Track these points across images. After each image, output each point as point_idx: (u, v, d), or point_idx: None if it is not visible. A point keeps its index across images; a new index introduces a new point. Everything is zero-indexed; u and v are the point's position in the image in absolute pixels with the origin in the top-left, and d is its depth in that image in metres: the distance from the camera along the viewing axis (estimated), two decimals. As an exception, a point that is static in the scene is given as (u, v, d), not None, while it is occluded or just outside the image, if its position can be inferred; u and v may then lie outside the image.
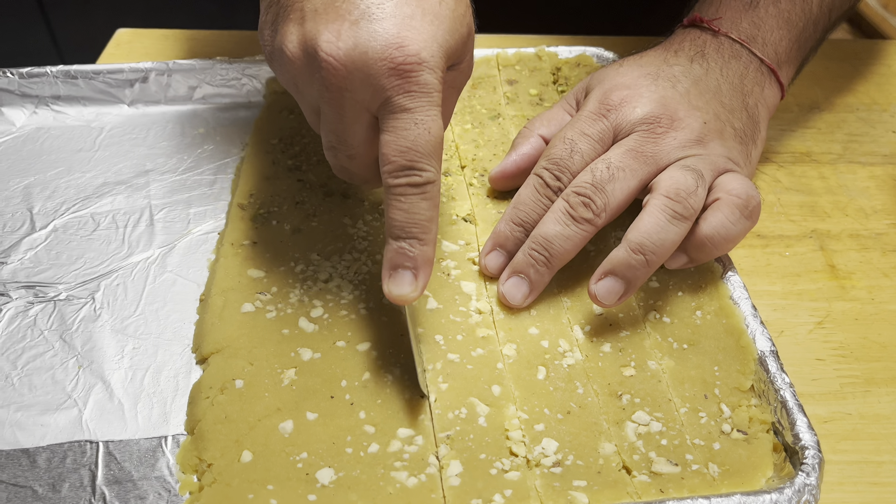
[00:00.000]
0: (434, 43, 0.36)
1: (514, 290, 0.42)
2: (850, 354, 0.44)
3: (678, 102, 0.45)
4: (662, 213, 0.40)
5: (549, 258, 0.42)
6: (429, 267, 0.38)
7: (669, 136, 0.43)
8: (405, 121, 0.36)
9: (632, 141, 0.43)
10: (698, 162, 0.43)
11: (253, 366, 0.40)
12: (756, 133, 0.47)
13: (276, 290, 0.43)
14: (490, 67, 0.59)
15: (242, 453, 0.36)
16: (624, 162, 0.42)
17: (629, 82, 0.46)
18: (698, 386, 0.39)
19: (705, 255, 0.42)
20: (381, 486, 0.35)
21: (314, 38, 0.36)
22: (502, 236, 0.44)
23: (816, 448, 0.35)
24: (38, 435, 0.38)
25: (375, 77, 0.36)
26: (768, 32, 0.49)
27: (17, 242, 0.48)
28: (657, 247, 0.40)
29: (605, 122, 0.44)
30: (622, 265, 0.40)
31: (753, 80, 0.48)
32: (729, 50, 0.48)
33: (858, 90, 0.63)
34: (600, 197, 0.42)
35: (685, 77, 0.46)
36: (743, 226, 0.42)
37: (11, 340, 0.42)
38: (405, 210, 0.37)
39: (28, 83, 0.57)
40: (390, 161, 0.36)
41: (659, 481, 0.35)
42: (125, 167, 0.53)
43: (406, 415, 0.38)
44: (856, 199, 0.53)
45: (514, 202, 0.44)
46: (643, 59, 0.48)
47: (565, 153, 0.44)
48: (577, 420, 0.38)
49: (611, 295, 0.40)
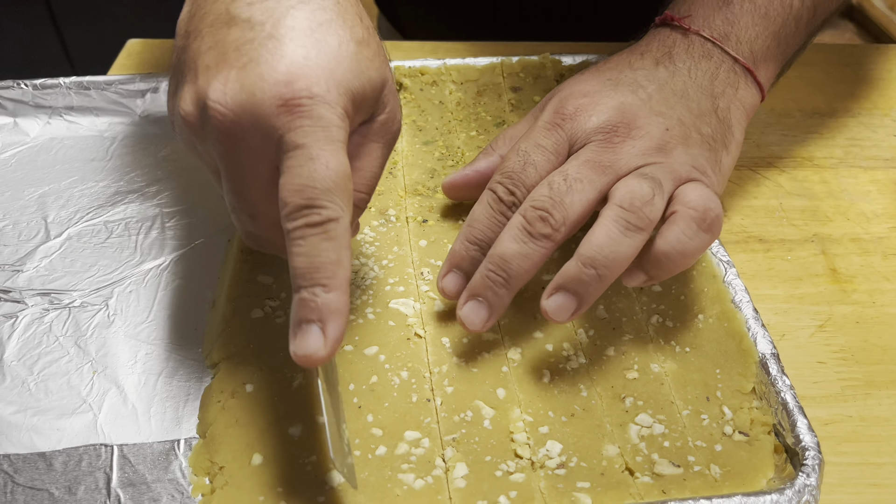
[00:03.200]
0: (330, 79, 0.33)
1: (472, 314, 0.40)
2: (851, 357, 0.44)
3: (638, 109, 0.43)
4: (615, 224, 0.38)
5: (508, 279, 0.39)
6: (339, 318, 0.32)
7: (628, 144, 0.41)
8: (298, 157, 0.32)
9: (589, 151, 0.41)
10: (657, 170, 0.40)
11: (263, 371, 0.40)
12: (728, 137, 0.44)
13: (286, 296, 0.44)
14: (495, 75, 0.60)
15: (253, 456, 0.37)
16: (581, 173, 0.40)
17: (587, 90, 0.44)
18: (700, 388, 0.40)
19: (664, 272, 0.39)
20: (388, 489, 0.35)
21: (204, 90, 0.34)
22: (458, 256, 0.42)
23: (817, 449, 0.36)
24: (54, 439, 0.39)
25: (265, 117, 0.33)
26: (743, 30, 0.46)
27: (32, 251, 0.49)
28: (609, 260, 0.38)
29: (559, 133, 0.43)
30: (573, 280, 0.38)
31: (725, 80, 0.45)
32: (699, 49, 0.46)
33: (860, 95, 0.64)
34: (559, 211, 0.39)
35: (648, 82, 0.44)
36: (701, 240, 0.39)
37: (28, 346, 0.43)
38: (305, 255, 0.32)
39: (42, 94, 0.58)
40: (286, 203, 0.32)
41: (661, 482, 0.36)
42: (137, 176, 0.54)
43: (412, 418, 0.38)
44: (857, 204, 0.54)
45: (469, 219, 0.42)
46: (607, 64, 0.46)
47: (518, 166, 0.42)
48: (580, 422, 0.39)
49: (562, 311, 0.38)
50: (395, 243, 0.48)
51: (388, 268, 0.46)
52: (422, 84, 0.59)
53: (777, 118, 0.61)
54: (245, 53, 0.34)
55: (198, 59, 0.35)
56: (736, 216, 0.53)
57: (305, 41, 0.34)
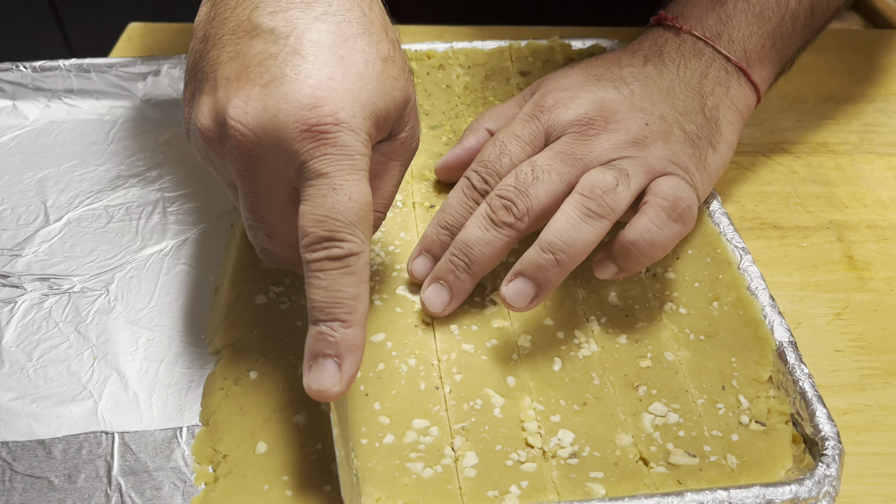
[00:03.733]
0: (355, 103, 0.33)
1: (433, 297, 0.40)
2: (869, 346, 0.43)
3: (618, 104, 0.42)
4: (575, 210, 0.38)
5: (469, 264, 0.40)
6: (356, 354, 0.32)
7: (602, 137, 0.41)
8: (321, 187, 0.32)
9: (562, 143, 0.41)
10: (628, 163, 0.40)
11: (267, 357, 0.39)
12: (715, 136, 0.43)
13: (290, 282, 0.43)
14: (503, 59, 0.59)
15: (257, 444, 0.36)
16: (551, 164, 0.40)
17: (570, 84, 0.44)
18: (716, 377, 0.39)
19: (633, 263, 0.39)
20: (396, 478, 0.35)
21: (224, 106, 0.33)
22: (429, 240, 0.42)
23: (836, 439, 0.35)
24: (53, 426, 0.38)
25: (288, 142, 0.32)
26: (736, 29, 0.46)
27: (31, 235, 0.48)
28: (567, 245, 0.38)
29: (536, 124, 0.43)
30: (532, 265, 0.38)
31: (715, 79, 0.45)
32: (691, 48, 0.45)
33: (875, 80, 0.62)
34: (522, 200, 0.39)
35: (633, 79, 0.44)
36: (671, 230, 0.39)
37: (27, 332, 0.42)
38: (325, 288, 0.32)
39: (41, 77, 0.57)
40: (307, 233, 0.32)
41: (677, 473, 0.35)
42: (138, 160, 0.53)
43: (421, 406, 0.37)
44: (873, 190, 0.53)
45: (443, 205, 0.43)
46: (596, 61, 0.46)
47: (494, 155, 0.42)
48: (593, 411, 0.38)
49: (520, 297, 0.38)
50: (402, 229, 0.47)
51: (395, 254, 0.45)
52: (428, 68, 0.58)
53: (791, 104, 0.60)
54: (268, 69, 0.33)
55: (217, 68, 0.34)
56: (750, 203, 0.52)
57: (330, 59, 0.33)
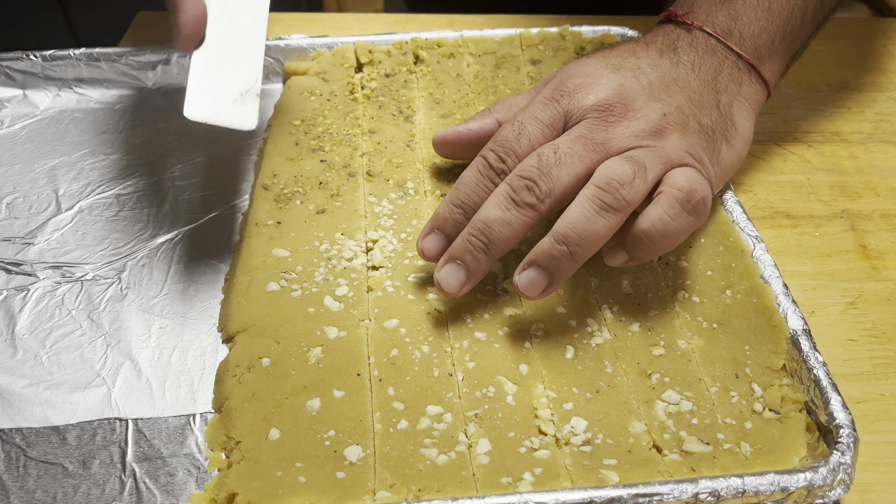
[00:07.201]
0: None
1: (449, 277, 0.40)
2: (882, 335, 0.43)
3: (637, 93, 0.42)
4: (590, 203, 0.38)
5: (488, 244, 0.39)
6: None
7: (622, 124, 0.41)
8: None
9: (582, 127, 0.41)
10: (645, 154, 0.40)
11: (279, 344, 0.39)
12: (729, 131, 0.44)
13: (302, 270, 0.43)
14: (514, 47, 0.59)
15: (270, 431, 0.36)
16: (572, 148, 0.40)
17: (589, 71, 0.44)
18: (729, 365, 0.39)
19: (644, 252, 0.39)
20: (410, 463, 0.35)
21: None
22: (441, 218, 0.41)
23: (851, 427, 0.35)
24: (67, 413, 0.38)
25: None
26: (746, 25, 0.46)
27: (43, 223, 0.48)
28: (581, 238, 0.38)
29: (556, 107, 0.42)
30: (545, 256, 0.38)
31: (729, 76, 0.45)
32: (703, 45, 0.45)
33: (888, 69, 0.62)
34: (545, 181, 0.39)
35: (651, 69, 0.44)
36: (683, 221, 0.39)
37: (40, 320, 0.42)
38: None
39: (51, 66, 0.57)
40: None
41: (690, 460, 0.35)
42: (148, 149, 0.53)
43: (434, 392, 0.37)
44: (887, 179, 0.52)
45: (457, 183, 0.42)
46: (612, 51, 0.46)
47: (512, 136, 0.42)
48: (606, 399, 0.37)
49: (533, 286, 0.38)
50: (413, 216, 0.46)
51: (407, 241, 0.45)
52: (439, 56, 0.58)
53: (804, 92, 0.59)
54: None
55: None
56: (762, 192, 0.51)
57: None
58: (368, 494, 0.34)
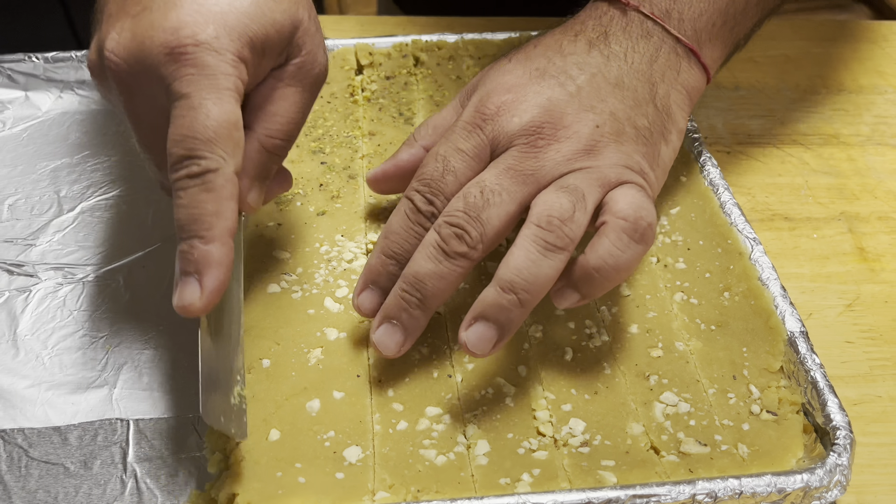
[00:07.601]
0: (220, 26, 0.33)
1: (386, 338, 0.37)
2: (879, 337, 0.43)
3: (566, 105, 0.39)
4: (533, 244, 0.35)
5: (423, 299, 0.37)
6: (217, 270, 0.33)
7: (552, 148, 0.38)
8: (182, 107, 0.33)
9: (510, 158, 0.38)
10: (581, 179, 0.37)
11: (279, 345, 0.40)
12: (667, 126, 0.41)
13: (302, 271, 0.43)
14: (509, 50, 0.59)
15: (270, 432, 0.36)
16: (500, 184, 0.37)
17: (512, 82, 0.40)
18: (727, 367, 0.39)
19: (597, 289, 0.36)
20: (409, 464, 0.35)
21: (103, 40, 0.34)
22: (374, 272, 0.39)
23: (848, 428, 0.35)
24: (69, 413, 0.39)
25: (154, 67, 0.33)
26: (686, 6, 0.42)
27: (45, 225, 0.48)
28: (529, 284, 0.35)
29: (480, 135, 0.39)
30: (493, 307, 0.35)
31: (666, 63, 0.42)
32: (638, 29, 0.42)
33: (886, 72, 0.62)
34: (475, 227, 0.36)
35: (579, 71, 0.40)
36: (633, 251, 0.36)
37: (41, 321, 0.43)
38: (185, 206, 0.33)
39: (53, 68, 0.57)
40: (169, 153, 0.33)
41: (688, 461, 0.35)
42: (150, 151, 0.54)
43: (434, 393, 0.38)
44: (885, 182, 0.53)
45: (385, 230, 0.39)
46: (536, 49, 0.43)
47: (437, 173, 0.39)
48: (604, 400, 0.38)
49: (482, 342, 0.35)
50: (413, 219, 0.47)
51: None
52: (438, 59, 0.58)
53: (802, 94, 0.60)
54: (141, 2, 0.34)
55: (105, 8, 0.36)
56: (760, 194, 0.52)
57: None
58: (368, 495, 0.34)
